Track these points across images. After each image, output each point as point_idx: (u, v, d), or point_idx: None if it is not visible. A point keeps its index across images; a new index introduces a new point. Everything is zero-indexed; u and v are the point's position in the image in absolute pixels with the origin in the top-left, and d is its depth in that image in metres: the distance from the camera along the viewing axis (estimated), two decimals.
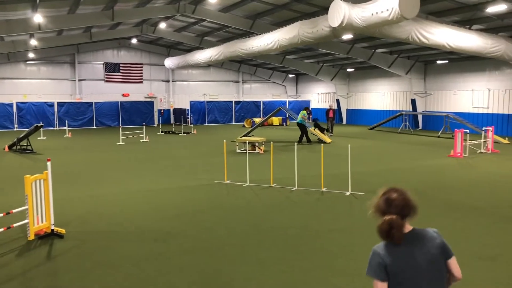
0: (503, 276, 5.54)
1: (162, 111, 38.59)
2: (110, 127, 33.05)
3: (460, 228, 7.53)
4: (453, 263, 2.67)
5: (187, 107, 36.70)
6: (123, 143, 21.35)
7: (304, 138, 20.75)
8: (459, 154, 16.30)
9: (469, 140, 16.97)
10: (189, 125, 32.24)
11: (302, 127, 20.56)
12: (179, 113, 36.25)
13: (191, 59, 30.79)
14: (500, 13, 17.57)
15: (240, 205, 9.26)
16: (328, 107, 26.89)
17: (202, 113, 36.57)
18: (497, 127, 23.45)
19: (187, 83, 40.48)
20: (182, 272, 5.68)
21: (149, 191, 10.61)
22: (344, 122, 37.18)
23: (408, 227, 2.67)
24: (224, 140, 12.71)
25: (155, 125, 34.43)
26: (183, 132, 27.18)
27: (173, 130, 28.10)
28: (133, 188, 10.96)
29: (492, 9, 16.91)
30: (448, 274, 2.67)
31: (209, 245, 6.74)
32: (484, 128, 18.85)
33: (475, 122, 24.73)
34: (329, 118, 26.01)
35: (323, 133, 21.56)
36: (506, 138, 21.37)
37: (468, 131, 17.54)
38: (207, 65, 37.63)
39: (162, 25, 28.76)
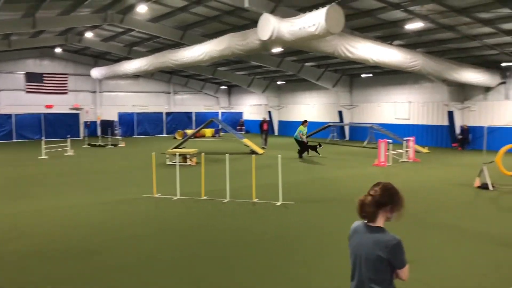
0: (424, 277, 5.81)
1: (88, 123, 36.97)
2: (32, 140, 31.16)
3: None
4: (400, 272, 2.89)
5: (116, 118, 35.54)
6: (46, 156, 20.17)
7: (312, 152, 19.83)
8: (383, 163, 17.07)
9: (392, 150, 17.84)
10: (117, 137, 31.18)
11: (299, 142, 19.44)
12: (107, 125, 34.98)
13: (120, 70, 29.89)
14: (417, 30, 18.74)
15: (170, 219, 9.03)
16: (262, 119, 26.48)
17: (131, 125, 35.54)
18: (418, 137, 24.84)
19: (115, 94, 39.21)
20: None
21: (72, 207, 10.06)
22: (276, 133, 37.76)
23: (380, 221, 2.93)
24: (153, 152, 12.39)
25: (81, 138, 32.95)
26: (111, 145, 26.23)
27: (100, 143, 27.05)
28: (55, 204, 10.34)
29: (410, 26, 17.99)
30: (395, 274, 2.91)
31: (137, 261, 6.48)
32: (405, 138, 19.93)
33: (397, 132, 26.03)
34: (263, 131, 25.58)
35: (316, 150, 19.87)
36: (426, 148, 22.69)
37: (391, 141, 18.42)
38: (136, 76, 36.77)
39: (89, 34, 27.70)
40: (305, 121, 20.12)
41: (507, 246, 7.21)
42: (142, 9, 20.17)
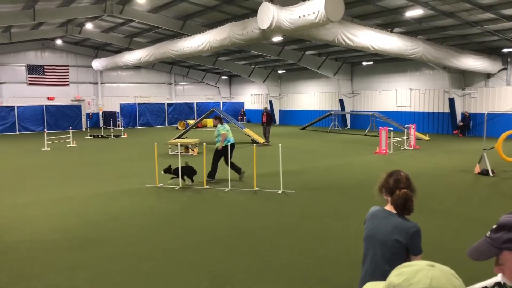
0: None
1: (90, 114, 37.14)
2: (35, 132, 31.27)
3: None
4: (415, 258, 2.94)
5: (118, 109, 35.65)
6: (49, 148, 20.30)
7: None
8: (384, 151, 17.12)
9: (393, 138, 17.88)
10: (120, 128, 31.30)
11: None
12: (109, 116, 35.10)
13: (120, 61, 29.92)
14: (418, 17, 18.67)
15: (171, 208, 9.13)
16: (263, 110, 22.89)
17: (133, 115, 35.67)
18: (419, 125, 24.89)
19: (117, 85, 39.29)
20: (109, 279, 5.50)
21: (75, 198, 10.17)
22: (277, 122, 37.80)
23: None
24: (155, 143, 12.46)
25: (83, 129, 33.08)
26: (113, 136, 26.34)
27: (102, 134, 27.15)
28: (59, 195, 10.46)
29: (410, 13, 17.94)
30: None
31: (137, 250, 6.58)
32: (406, 125, 19.95)
33: (399, 120, 26.09)
34: (263, 123, 22.19)
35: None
36: (427, 135, 22.72)
37: (392, 129, 18.46)
38: (137, 67, 36.78)
39: (89, 26, 27.68)
40: (217, 117, 12.62)
41: None
42: None
